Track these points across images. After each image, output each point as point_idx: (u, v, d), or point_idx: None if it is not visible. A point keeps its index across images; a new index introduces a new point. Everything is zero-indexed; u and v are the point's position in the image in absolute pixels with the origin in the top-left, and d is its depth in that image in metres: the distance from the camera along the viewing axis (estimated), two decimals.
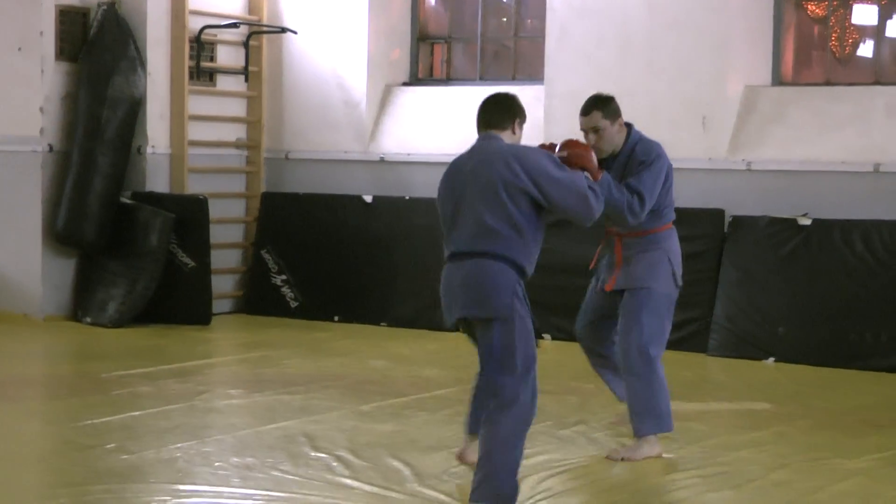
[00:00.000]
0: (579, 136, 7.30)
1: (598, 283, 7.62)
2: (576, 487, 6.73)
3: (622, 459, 7.22)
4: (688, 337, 10.94)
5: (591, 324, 7.68)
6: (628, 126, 7.45)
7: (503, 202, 6.03)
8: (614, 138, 7.34)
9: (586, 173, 6.39)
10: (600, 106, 7.35)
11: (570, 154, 6.60)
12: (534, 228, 6.11)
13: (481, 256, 6.04)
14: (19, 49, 11.92)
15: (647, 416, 7.29)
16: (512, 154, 6.10)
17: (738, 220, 10.95)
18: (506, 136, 6.25)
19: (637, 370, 7.27)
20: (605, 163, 7.25)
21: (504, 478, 5.98)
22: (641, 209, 7.20)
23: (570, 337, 11.08)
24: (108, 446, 7.27)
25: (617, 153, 7.37)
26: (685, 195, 11.18)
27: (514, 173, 6.03)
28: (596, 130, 7.30)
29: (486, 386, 6.27)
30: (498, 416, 6.01)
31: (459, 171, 6.21)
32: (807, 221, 10.65)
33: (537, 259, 6.19)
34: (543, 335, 11.30)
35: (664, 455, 7.28)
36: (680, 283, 7.49)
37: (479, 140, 6.29)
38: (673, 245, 7.49)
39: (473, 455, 6.45)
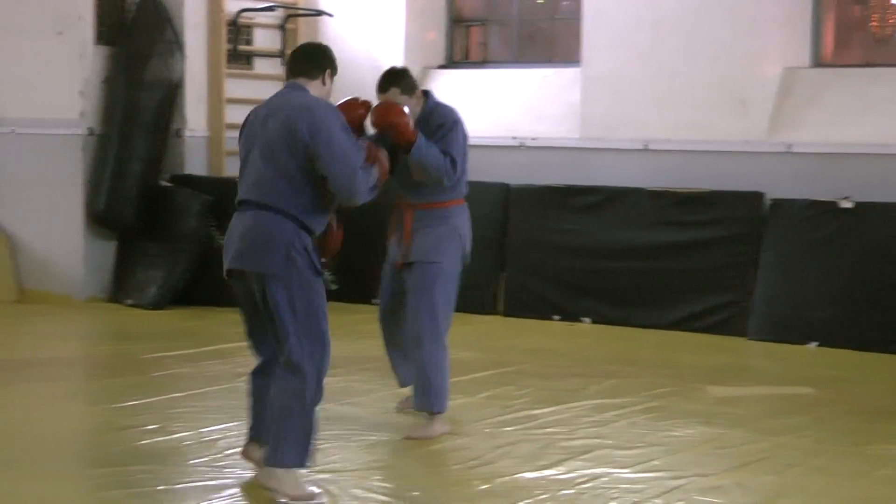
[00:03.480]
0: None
1: (390, 262, 7.56)
2: (620, 468, 6.72)
3: (417, 439, 7.19)
4: (726, 320, 10.91)
5: (390, 304, 7.60)
6: (426, 93, 7.41)
7: (283, 155, 5.89)
8: (413, 111, 7.21)
9: (382, 154, 6.23)
10: (397, 81, 7.29)
11: (379, 114, 6.85)
12: (315, 185, 5.95)
13: (260, 208, 5.92)
14: (59, 33, 11.98)
15: (441, 394, 7.27)
16: (303, 107, 5.95)
17: (777, 203, 10.88)
18: (314, 87, 6.13)
19: (427, 346, 7.23)
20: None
21: (283, 452, 5.92)
22: (454, 171, 7.15)
23: (607, 320, 11.17)
24: (149, 427, 7.31)
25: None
26: (723, 178, 11.14)
27: (299, 127, 5.88)
28: None
29: (263, 383, 6.18)
30: (280, 379, 5.98)
31: (255, 120, 6.09)
32: (848, 204, 10.55)
33: (326, 218, 6.07)
34: (582, 318, 11.30)
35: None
36: (469, 259, 7.45)
37: (283, 88, 6.20)
38: (464, 221, 7.42)
39: (257, 453, 6.31)
